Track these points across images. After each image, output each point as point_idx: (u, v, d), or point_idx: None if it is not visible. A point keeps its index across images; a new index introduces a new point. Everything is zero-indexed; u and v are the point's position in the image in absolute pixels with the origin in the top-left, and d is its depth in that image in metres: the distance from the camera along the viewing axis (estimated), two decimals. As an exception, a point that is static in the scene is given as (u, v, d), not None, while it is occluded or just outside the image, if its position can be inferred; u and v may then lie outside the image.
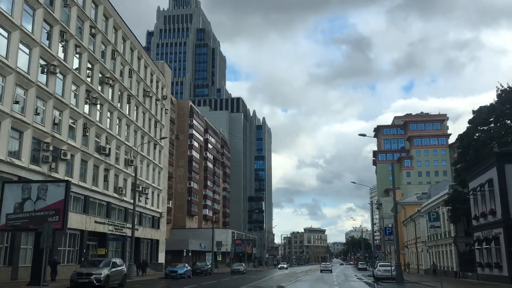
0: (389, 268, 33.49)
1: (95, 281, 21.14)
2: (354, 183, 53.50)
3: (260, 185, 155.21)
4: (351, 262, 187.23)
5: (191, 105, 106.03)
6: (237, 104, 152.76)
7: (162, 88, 56.95)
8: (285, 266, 72.00)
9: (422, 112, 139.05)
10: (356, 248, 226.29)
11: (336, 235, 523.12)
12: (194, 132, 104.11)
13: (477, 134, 36.69)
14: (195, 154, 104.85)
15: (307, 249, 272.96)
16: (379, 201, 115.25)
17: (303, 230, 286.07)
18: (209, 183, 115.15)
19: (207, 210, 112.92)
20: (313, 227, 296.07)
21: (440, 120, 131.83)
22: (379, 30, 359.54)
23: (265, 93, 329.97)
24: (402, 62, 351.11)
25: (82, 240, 34.69)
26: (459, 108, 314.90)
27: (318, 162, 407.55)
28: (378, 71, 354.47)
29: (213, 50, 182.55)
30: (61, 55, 31.84)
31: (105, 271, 22.14)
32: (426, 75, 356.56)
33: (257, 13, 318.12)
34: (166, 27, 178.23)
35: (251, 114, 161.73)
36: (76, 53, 34.04)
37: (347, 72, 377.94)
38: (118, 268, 24.14)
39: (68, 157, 32.02)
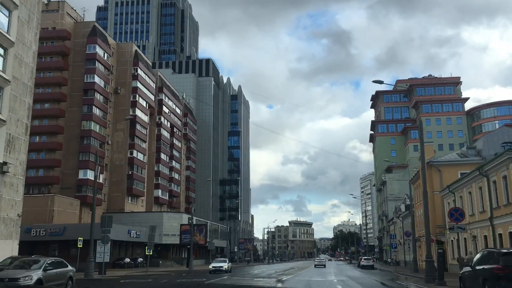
0: None
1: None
2: (381, 81, 26.18)
3: (234, 166, 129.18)
4: (342, 258, 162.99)
5: (135, 50, 79.69)
6: (206, 67, 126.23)
7: None
8: (223, 266, 41.00)
9: (430, 75, 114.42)
10: (346, 243, 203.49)
11: (322, 232, 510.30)
12: (139, 85, 78.02)
13: None
14: (141, 115, 78.77)
15: (292, 244, 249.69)
16: (383, 178, 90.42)
17: (288, 224, 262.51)
18: (163, 156, 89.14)
19: (160, 191, 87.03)
20: (299, 220, 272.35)
21: (454, 83, 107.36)
22: (360, 26, 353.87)
23: (248, 89, 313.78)
24: (384, 58, 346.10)
25: None
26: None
27: (303, 159, 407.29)
28: (361, 67, 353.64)
29: (182, 12, 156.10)
30: None
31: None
32: (407, 72, 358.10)
33: (237, 7, 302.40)
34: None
35: (224, 81, 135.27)
36: None
37: (329, 68, 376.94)
38: None
39: None
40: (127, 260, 49.71)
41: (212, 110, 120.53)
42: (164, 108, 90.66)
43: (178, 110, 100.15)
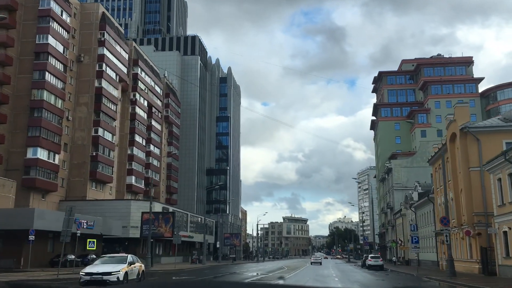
0: None
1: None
2: None
3: (222, 154, 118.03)
4: (339, 256, 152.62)
5: (103, 12, 68.40)
6: (192, 46, 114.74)
7: None
8: (113, 273, 18.47)
9: (439, 54, 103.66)
10: (343, 240, 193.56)
11: (317, 229, 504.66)
12: (106, 53, 66.75)
13: None
14: (108, 87, 67.50)
15: (286, 240, 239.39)
16: (388, 166, 79.62)
17: (282, 220, 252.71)
18: (138, 138, 77.97)
19: (134, 177, 75.93)
20: (293, 216, 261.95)
21: (466, 62, 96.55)
22: (355, 23, 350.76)
23: (242, 86, 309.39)
24: (378, 56, 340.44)
25: None
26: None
27: (297, 156, 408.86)
28: (355, 64, 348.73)
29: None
30: None
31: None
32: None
33: (231, 3, 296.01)
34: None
35: (213, 62, 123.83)
36: None
37: (324, 66, 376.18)
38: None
39: None
40: (71, 257, 38.67)
41: (198, 92, 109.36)
42: (140, 84, 79.47)
43: (158, 89, 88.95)
